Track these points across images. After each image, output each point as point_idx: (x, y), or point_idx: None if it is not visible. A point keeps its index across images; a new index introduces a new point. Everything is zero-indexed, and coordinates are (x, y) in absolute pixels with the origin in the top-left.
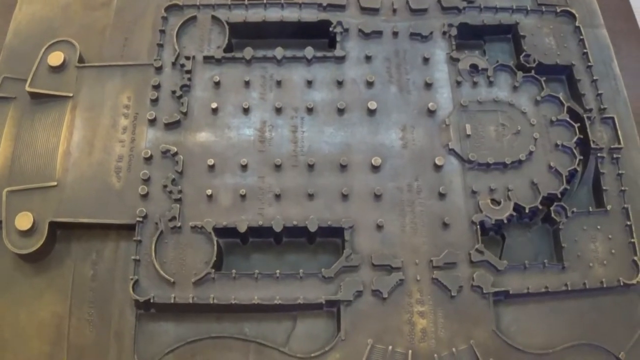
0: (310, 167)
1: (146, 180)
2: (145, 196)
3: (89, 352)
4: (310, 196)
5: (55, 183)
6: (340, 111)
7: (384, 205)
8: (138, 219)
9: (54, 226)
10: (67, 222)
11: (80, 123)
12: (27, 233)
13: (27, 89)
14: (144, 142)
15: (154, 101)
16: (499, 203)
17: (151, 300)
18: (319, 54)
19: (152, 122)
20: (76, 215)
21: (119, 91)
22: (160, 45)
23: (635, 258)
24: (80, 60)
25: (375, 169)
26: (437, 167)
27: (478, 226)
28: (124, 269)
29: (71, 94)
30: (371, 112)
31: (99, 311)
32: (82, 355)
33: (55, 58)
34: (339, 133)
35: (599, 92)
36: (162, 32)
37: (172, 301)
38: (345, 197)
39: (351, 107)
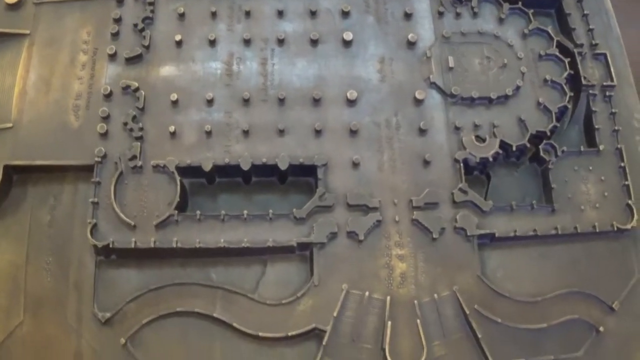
0: (281, 101)
1: (105, 118)
2: (104, 135)
3: (47, 303)
4: (281, 132)
5: (10, 124)
6: (314, 42)
7: (360, 141)
8: (97, 159)
9: (9, 170)
10: (23, 165)
11: (37, 61)
12: None
13: None
14: (103, 78)
15: (115, 35)
16: (483, 140)
17: (110, 246)
18: None
19: (113, 57)
20: (32, 157)
21: (78, 26)
22: None
23: (630, 202)
24: None
25: (351, 103)
26: (418, 102)
27: (461, 164)
28: (83, 214)
29: (28, 32)
30: (347, 44)
31: (57, 259)
32: (39, 306)
33: None
34: (312, 65)
35: (590, 27)
36: None
37: (132, 246)
38: (318, 133)
39: (325, 39)
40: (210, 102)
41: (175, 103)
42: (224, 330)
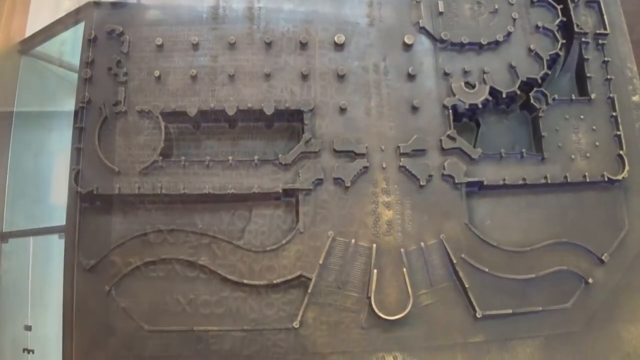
0: (268, 45)
1: (90, 63)
2: (88, 80)
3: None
4: (267, 76)
5: None
6: None
7: (347, 86)
8: (81, 104)
9: None
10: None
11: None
12: None
13: None
14: (88, 23)
15: None
16: (473, 86)
17: (95, 192)
18: None
19: (97, 1)
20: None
21: None
22: None
23: (621, 152)
24: None
25: (339, 47)
26: (407, 47)
27: (450, 111)
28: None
29: None
30: None
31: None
32: None
33: None
34: (299, 9)
35: None
36: None
37: (116, 192)
38: (305, 77)
39: None
40: (195, 46)
41: (160, 47)
42: (209, 278)
